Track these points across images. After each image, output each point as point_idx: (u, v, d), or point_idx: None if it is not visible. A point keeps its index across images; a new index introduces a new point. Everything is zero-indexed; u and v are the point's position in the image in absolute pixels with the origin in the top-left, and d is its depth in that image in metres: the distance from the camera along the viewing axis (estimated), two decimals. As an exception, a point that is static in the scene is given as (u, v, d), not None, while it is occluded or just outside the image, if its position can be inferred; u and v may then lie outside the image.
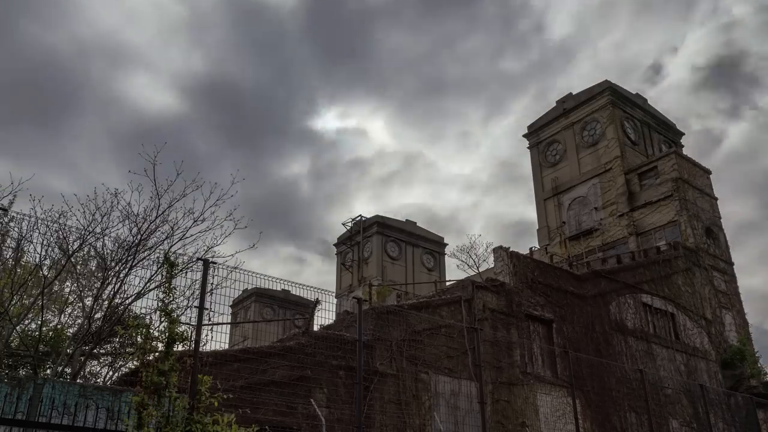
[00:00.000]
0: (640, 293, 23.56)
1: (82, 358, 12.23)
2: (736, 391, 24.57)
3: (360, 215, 49.79)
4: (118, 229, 12.33)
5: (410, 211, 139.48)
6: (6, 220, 11.97)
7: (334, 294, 13.42)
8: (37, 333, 13.91)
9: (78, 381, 11.12)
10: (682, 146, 38.44)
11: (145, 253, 12.15)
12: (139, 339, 7.81)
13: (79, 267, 13.66)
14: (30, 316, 14.04)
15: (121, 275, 12.10)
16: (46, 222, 11.62)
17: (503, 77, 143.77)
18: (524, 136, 39.52)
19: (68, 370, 11.88)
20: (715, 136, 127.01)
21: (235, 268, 10.37)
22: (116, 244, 12.21)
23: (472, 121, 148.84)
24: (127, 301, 12.31)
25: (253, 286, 14.23)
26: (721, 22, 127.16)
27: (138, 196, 12.20)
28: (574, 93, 37.45)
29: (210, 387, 7.75)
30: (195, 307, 8.52)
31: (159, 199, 12.18)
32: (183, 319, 9.78)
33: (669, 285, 25.43)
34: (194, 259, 10.85)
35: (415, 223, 51.06)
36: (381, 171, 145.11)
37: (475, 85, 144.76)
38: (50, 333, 13.86)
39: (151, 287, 11.85)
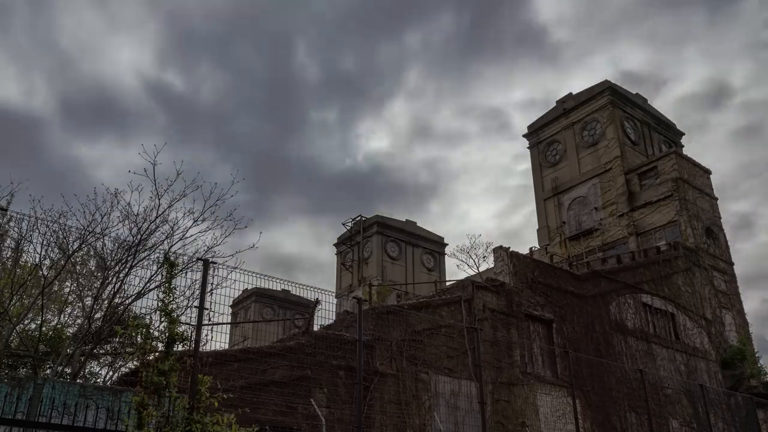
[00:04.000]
0: (640, 293, 23.55)
1: (82, 358, 12.23)
2: (736, 391, 24.56)
3: (360, 215, 49.80)
4: (118, 229, 12.35)
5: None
6: (5, 220, 11.97)
7: (334, 294, 13.42)
8: (37, 333, 13.90)
9: (78, 381, 11.12)
10: (682, 146, 38.44)
11: (145, 253, 12.15)
12: (139, 339, 7.80)
13: (78, 267, 13.66)
14: (30, 316, 14.04)
15: (121, 275, 12.11)
16: (45, 222, 11.62)
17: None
18: (524, 136, 39.53)
19: (68, 370, 11.88)
20: None
21: (235, 268, 10.37)
22: (116, 244, 12.21)
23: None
24: (127, 301, 12.31)
25: (253, 286, 14.23)
26: None
27: (138, 196, 12.22)
28: (574, 93, 37.48)
29: (210, 387, 7.74)
30: (195, 307, 8.51)
31: (159, 199, 12.19)
32: (183, 319, 9.79)
33: (669, 285, 25.42)
34: (194, 259, 10.86)
35: (415, 223, 51.03)
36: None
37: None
38: (50, 333, 13.86)
39: (151, 287, 11.85)
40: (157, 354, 7.51)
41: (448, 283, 24.18)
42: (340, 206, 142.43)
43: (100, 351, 13.90)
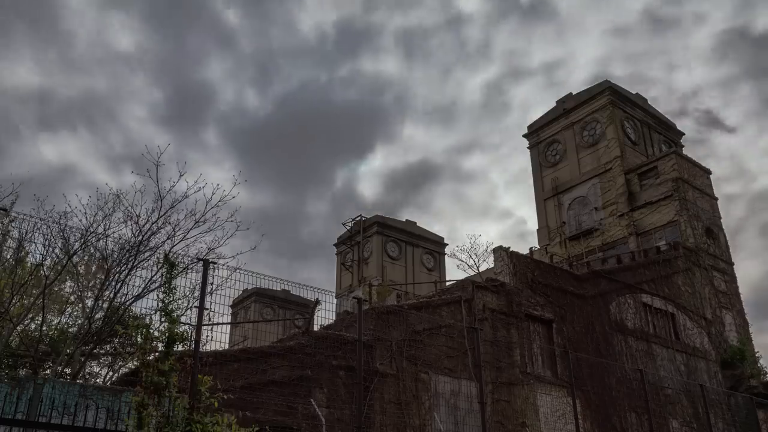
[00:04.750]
0: (640, 293, 23.56)
1: (82, 358, 12.24)
2: (736, 391, 24.56)
3: (360, 215, 49.83)
4: (120, 230, 12.37)
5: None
6: (7, 221, 11.99)
7: (334, 294, 13.45)
8: (37, 333, 13.92)
9: (78, 381, 11.13)
10: (682, 146, 38.44)
11: (147, 253, 12.17)
12: (139, 339, 7.81)
13: (80, 267, 13.68)
14: (30, 316, 14.05)
15: (122, 276, 12.12)
16: (47, 222, 11.64)
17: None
18: (524, 136, 39.54)
19: (68, 370, 11.89)
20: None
21: (236, 268, 10.38)
22: (117, 245, 12.23)
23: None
24: (127, 302, 12.32)
25: (253, 286, 14.25)
26: None
27: (140, 197, 12.24)
28: (574, 93, 37.49)
29: (210, 387, 7.75)
30: (195, 307, 8.53)
31: (161, 200, 12.21)
32: (183, 319, 9.80)
33: (669, 285, 25.42)
34: (194, 260, 10.87)
35: (415, 223, 51.07)
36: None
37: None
38: (51, 333, 13.86)
39: (152, 288, 11.87)
40: (157, 354, 7.52)
41: (448, 283, 24.19)
42: (268, 150, 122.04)
43: (100, 351, 13.91)
